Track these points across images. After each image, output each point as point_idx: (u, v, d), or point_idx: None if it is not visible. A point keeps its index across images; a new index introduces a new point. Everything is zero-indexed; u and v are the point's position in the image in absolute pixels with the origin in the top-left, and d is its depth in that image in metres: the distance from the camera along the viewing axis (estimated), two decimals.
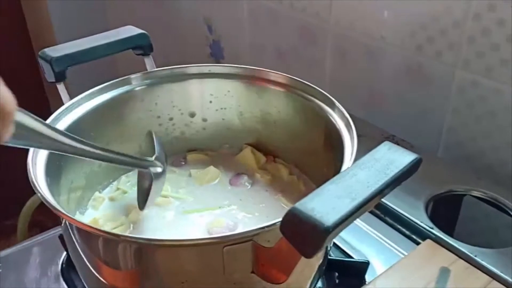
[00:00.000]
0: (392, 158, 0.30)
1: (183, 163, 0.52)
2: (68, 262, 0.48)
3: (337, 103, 0.41)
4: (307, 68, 0.80)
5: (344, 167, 0.34)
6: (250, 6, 0.86)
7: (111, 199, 0.48)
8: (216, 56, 1.01)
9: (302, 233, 0.26)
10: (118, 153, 0.38)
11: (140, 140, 0.51)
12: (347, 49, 0.72)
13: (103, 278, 0.36)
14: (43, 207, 0.34)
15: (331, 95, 0.44)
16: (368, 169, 0.29)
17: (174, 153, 0.53)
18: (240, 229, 0.40)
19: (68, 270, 0.47)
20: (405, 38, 0.63)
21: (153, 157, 0.43)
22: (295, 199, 0.45)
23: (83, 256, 0.37)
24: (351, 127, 0.38)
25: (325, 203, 0.26)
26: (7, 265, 0.48)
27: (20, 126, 0.27)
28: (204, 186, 0.48)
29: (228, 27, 0.94)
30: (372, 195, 0.27)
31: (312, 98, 0.45)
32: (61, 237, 0.49)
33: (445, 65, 0.60)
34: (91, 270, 0.37)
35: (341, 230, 0.26)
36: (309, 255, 0.26)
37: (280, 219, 0.29)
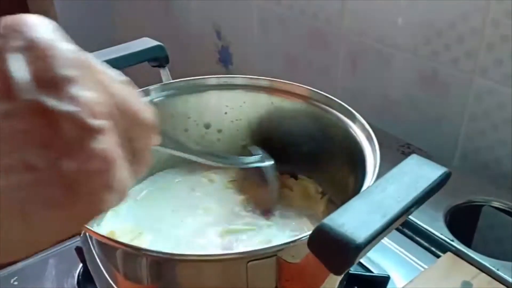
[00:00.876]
0: (420, 172, 0.29)
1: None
2: (84, 274, 0.47)
3: (357, 115, 0.41)
4: (317, 75, 0.80)
5: (367, 181, 0.34)
6: (260, 12, 0.86)
7: (128, 207, 0.47)
8: (225, 62, 1.01)
9: (332, 250, 0.25)
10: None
11: (154, 152, 0.50)
12: (360, 56, 0.72)
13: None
14: None
15: (343, 101, 0.44)
16: (397, 183, 0.29)
17: (188, 164, 0.52)
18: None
19: (85, 282, 0.47)
20: (419, 44, 0.63)
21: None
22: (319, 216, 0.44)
23: (102, 268, 0.37)
24: (372, 140, 0.37)
25: (355, 219, 0.26)
26: (24, 277, 0.48)
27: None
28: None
29: (237, 33, 0.94)
30: (403, 210, 0.27)
31: (331, 110, 0.44)
32: (77, 249, 0.48)
33: (462, 72, 0.60)
34: (110, 283, 0.36)
35: (372, 247, 0.26)
36: (339, 272, 0.26)
37: (305, 234, 0.29)
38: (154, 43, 0.49)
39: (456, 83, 0.61)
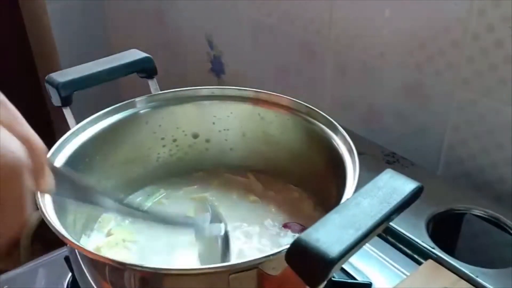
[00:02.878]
0: (394, 186, 0.31)
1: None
2: (74, 283, 0.48)
3: (339, 128, 0.42)
4: (308, 85, 0.81)
5: (345, 194, 0.35)
6: (251, 22, 0.87)
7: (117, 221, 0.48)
8: (217, 71, 1.02)
9: (307, 263, 0.26)
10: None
11: (144, 162, 0.52)
12: (347, 66, 0.73)
13: None
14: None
15: (332, 112, 0.45)
16: (371, 198, 0.30)
17: (178, 174, 0.53)
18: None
19: None
20: (405, 56, 0.64)
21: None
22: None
23: (90, 279, 0.38)
24: (353, 153, 0.38)
25: (330, 234, 0.27)
26: (14, 286, 0.49)
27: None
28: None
29: (229, 43, 0.96)
30: (375, 225, 0.28)
31: (315, 121, 0.45)
32: (66, 258, 0.49)
33: (445, 84, 0.61)
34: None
35: (346, 260, 0.27)
36: (314, 285, 0.27)
37: (285, 247, 0.30)
38: (142, 54, 0.50)
39: (439, 94, 0.62)
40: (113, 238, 0.45)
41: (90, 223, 0.47)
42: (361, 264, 0.48)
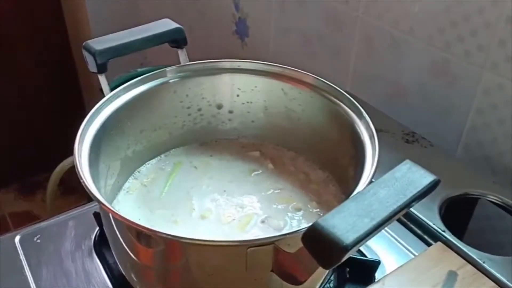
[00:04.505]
0: (411, 179, 0.32)
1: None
2: (100, 238, 0.52)
3: (364, 113, 0.43)
4: (332, 55, 0.81)
5: (362, 182, 0.36)
6: None
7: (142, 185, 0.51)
8: (241, 34, 1.01)
9: (322, 248, 0.28)
10: None
11: (170, 128, 0.54)
12: (374, 39, 0.72)
13: (136, 257, 0.40)
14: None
15: (354, 85, 0.45)
16: (388, 188, 0.31)
17: (201, 141, 0.55)
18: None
19: (100, 245, 0.51)
20: (434, 33, 0.63)
21: None
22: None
23: (119, 236, 0.40)
24: (374, 141, 0.39)
25: (345, 221, 0.29)
26: (46, 236, 0.52)
27: None
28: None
29: (255, 7, 0.94)
30: (390, 216, 0.29)
31: (339, 102, 0.46)
32: (95, 214, 0.52)
33: (472, 65, 0.60)
34: (124, 248, 0.40)
35: (359, 247, 0.29)
36: (327, 267, 0.29)
37: (302, 227, 0.32)
38: (174, 25, 0.51)
39: (466, 75, 0.62)
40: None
41: (118, 188, 0.49)
42: (371, 241, 0.50)
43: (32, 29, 1.29)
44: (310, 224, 0.29)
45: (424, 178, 0.32)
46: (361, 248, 0.49)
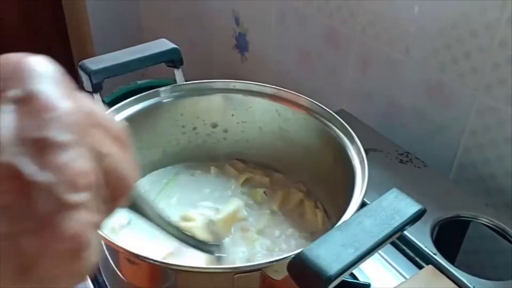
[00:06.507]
0: (397, 208, 0.32)
1: None
2: None
3: (356, 138, 0.43)
4: (329, 73, 0.81)
5: (349, 210, 0.36)
6: (278, 4, 0.87)
7: None
8: (241, 48, 1.02)
9: (307, 277, 0.29)
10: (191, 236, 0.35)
11: (164, 146, 0.54)
12: (370, 58, 0.73)
13: (124, 277, 0.40)
14: None
15: (350, 102, 0.45)
16: (374, 217, 0.31)
17: (196, 160, 0.56)
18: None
19: None
20: (429, 54, 0.64)
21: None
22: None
23: (108, 256, 0.41)
24: (364, 167, 0.40)
25: (330, 251, 0.29)
26: None
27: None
28: None
29: (255, 22, 0.95)
30: (374, 246, 0.30)
31: (331, 125, 0.47)
32: None
33: (466, 87, 0.61)
34: (112, 266, 0.40)
35: (343, 277, 0.29)
36: None
37: (288, 254, 0.32)
38: (171, 45, 0.51)
39: (460, 97, 0.62)
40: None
41: None
42: (362, 264, 0.50)
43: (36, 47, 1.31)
44: (297, 251, 0.30)
45: (410, 207, 0.32)
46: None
